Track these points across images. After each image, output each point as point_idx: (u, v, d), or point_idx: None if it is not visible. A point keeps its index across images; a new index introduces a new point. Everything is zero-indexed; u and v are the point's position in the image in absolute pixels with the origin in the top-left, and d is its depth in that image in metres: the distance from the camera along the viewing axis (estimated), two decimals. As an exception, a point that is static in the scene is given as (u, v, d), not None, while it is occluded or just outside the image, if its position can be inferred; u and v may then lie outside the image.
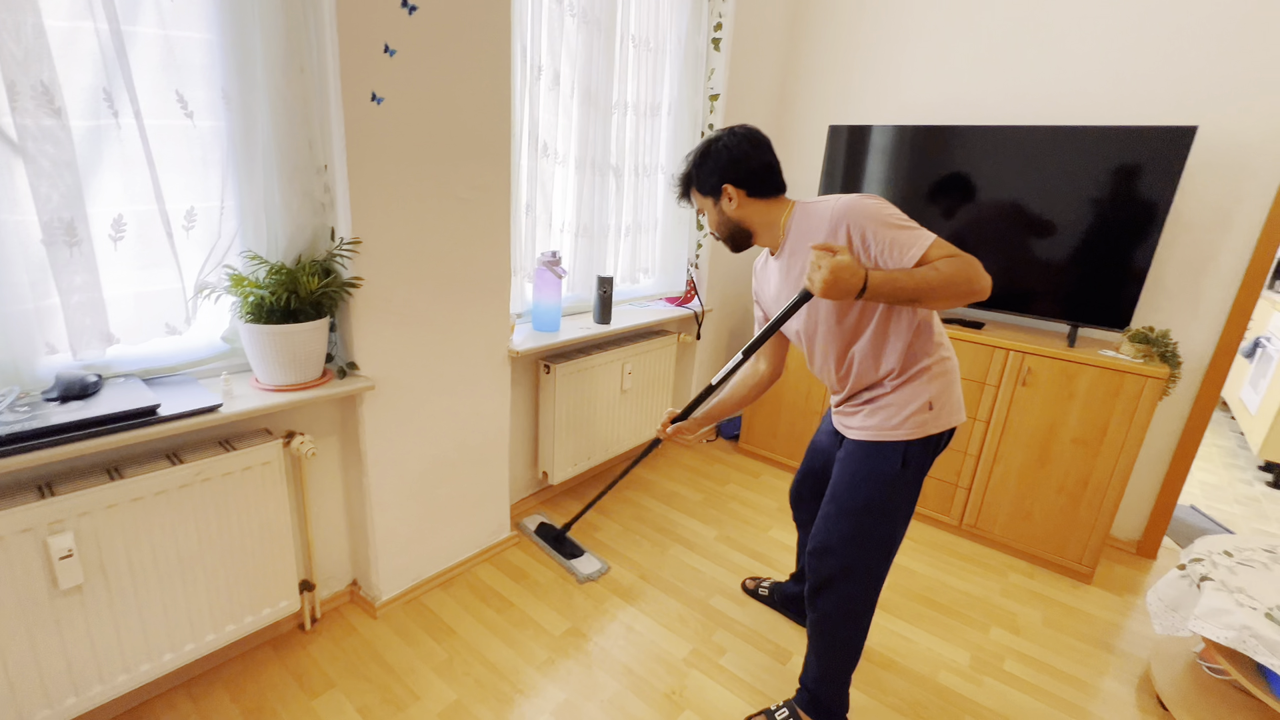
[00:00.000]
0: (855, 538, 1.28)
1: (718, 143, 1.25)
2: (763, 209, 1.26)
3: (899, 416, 1.22)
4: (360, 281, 1.47)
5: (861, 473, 1.27)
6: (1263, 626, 1.35)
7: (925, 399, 1.21)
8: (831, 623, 1.35)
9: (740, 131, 1.25)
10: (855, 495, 1.28)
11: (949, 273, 1.03)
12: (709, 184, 1.27)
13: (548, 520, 2.24)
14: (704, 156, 1.26)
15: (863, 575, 1.30)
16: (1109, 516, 2.07)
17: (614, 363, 2.39)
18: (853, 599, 1.32)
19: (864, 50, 2.74)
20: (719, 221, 1.31)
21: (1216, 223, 2.09)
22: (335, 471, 1.69)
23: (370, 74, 1.38)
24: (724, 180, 1.25)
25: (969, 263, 1.06)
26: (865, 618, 1.35)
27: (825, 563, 1.32)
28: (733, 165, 1.23)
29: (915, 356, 1.22)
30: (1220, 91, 2.02)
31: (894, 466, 1.23)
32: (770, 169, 1.25)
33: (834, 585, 1.32)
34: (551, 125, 2.04)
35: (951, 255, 1.06)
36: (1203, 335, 2.17)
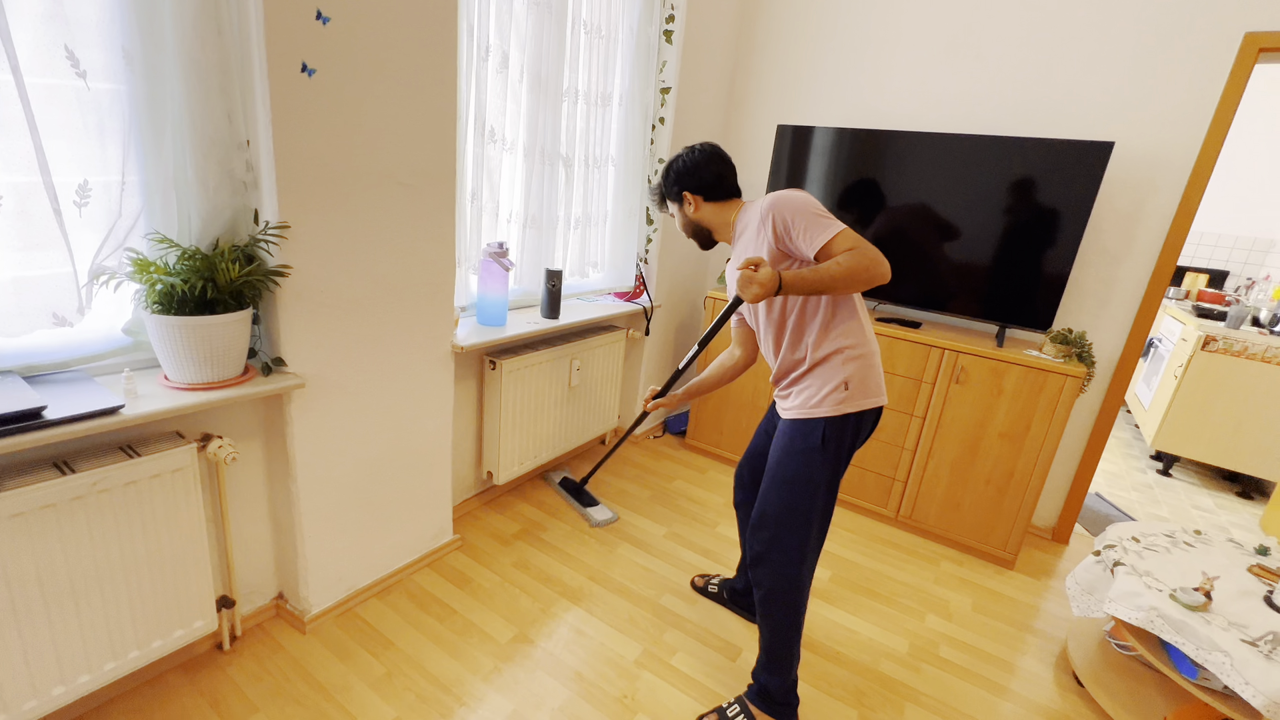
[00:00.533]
0: (782, 510, 1.38)
1: (679, 158, 1.48)
2: (717, 210, 1.48)
3: (818, 395, 1.35)
4: (288, 270, 1.35)
5: (788, 448, 1.39)
6: (1168, 607, 1.46)
7: (841, 379, 1.34)
8: (772, 597, 1.41)
9: (698, 147, 1.48)
10: (782, 469, 1.39)
11: (848, 264, 1.22)
12: (673, 191, 1.50)
13: (569, 475, 2.52)
14: (668, 170, 1.50)
15: (792, 545, 1.38)
16: (1030, 506, 2.21)
17: (562, 359, 2.33)
18: (785, 569, 1.39)
19: (811, 52, 2.79)
20: (684, 223, 1.53)
21: (1127, 233, 2.26)
22: (259, 477, 1.55)
23: (301, 42, 1.25)
24: (683, 188, 1.48)
25: (866, 254, 1.22)
26: (800, 590, 1.41)
27: (759, 535, 1.42)
28: (688, 175, 1.47)
29: (831, 342, 1.35)
30: (1133, 113, 2.18)
31: (814, 442, 1.35)
32: (720, 178, 1.47)
33: (768, 555, 1.41)
34: (499, 110, 1.95)
35: (852, 248, 1.23)
36: (1112, 337, 2.35)
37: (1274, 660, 1.30)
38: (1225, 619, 1.43)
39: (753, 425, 2.79)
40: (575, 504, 2.37)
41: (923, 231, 2.43)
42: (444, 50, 1.56)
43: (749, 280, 1.22)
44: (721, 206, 1.48)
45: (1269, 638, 1.35)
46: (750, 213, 1.40)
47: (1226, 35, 2.00)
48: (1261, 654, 1.31)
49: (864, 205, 2.53)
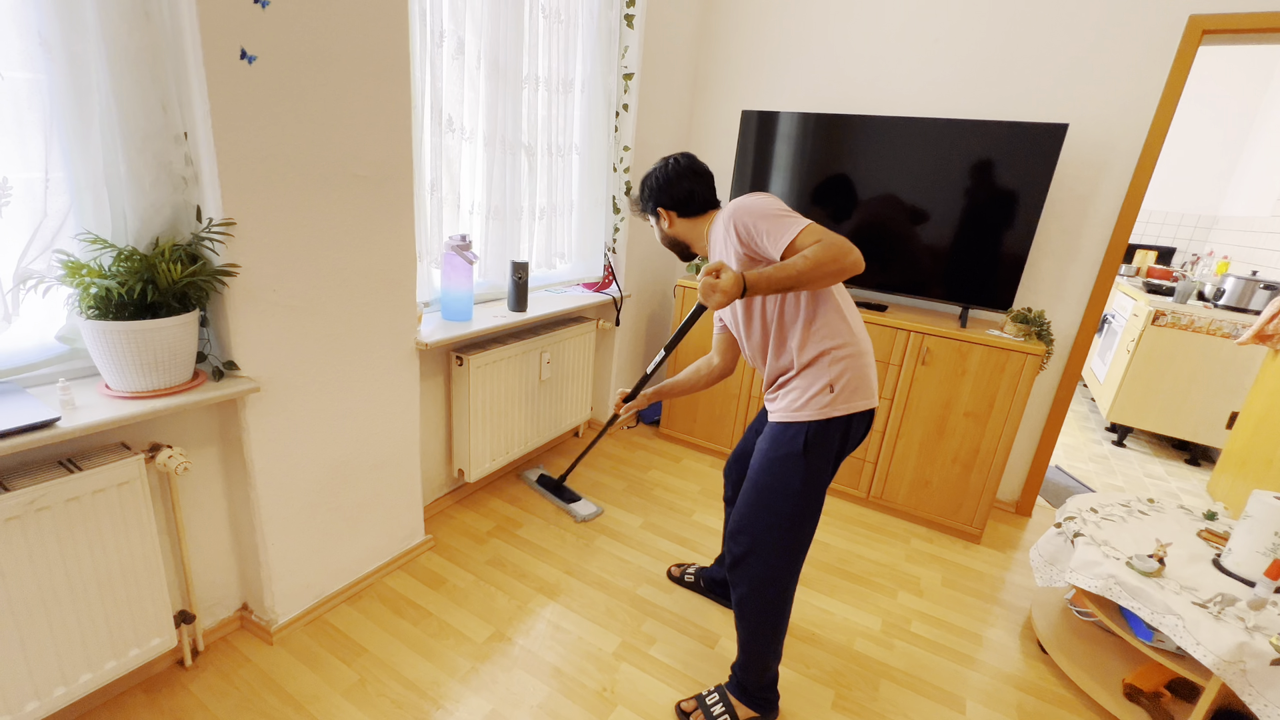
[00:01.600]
0: (762, 516, 1.34)
1: (653, 173, 1.47)
2: (691, 225, 1.47)
3: (803, 399, 1.30)
4: (236, 269, 1.28)
5: (770, 453, 1.34)
6: (1124, 574, 1.52)
7: (825, 381, 1.29)
8: (748, 601, 1.38)
9: (672, 161, 1.46)
10: (764, 474, 1.34)
11: (814, 257, 1.14)
12: (648, 207, 1.50)
13: (545, 472, 2.48)
14: (643, 185, 1.50)
15: (770, 552, 1.34)
16: (995, 481, 2.28)
17: (531, 352, 2.29)
18: (763, 577, 1.35)
19: (773, 37, 2.77)
20: (661, 236, 1.52)
21: (1081, 213, 2.32)
22: (216, 485, 1.48)
23: (238, 27, 1.18)
24: (657, 204, 1.47)
25: (832, 245, 1.15)
26: (780, 597, 1.37)
27: (738, 540, 1.38)
28: (661, 191, 1.46)
29: (817, 343, 1.30)
30: (1085, 96, 2.23)
31: (797, 447, 1.30)
32: (692, 194, 1.44)
33: (745, 562, 1.37)
34: (457, 98, 1.89)
35: (818, 241, 1.16)
36: (1069, 314, 2.42)
37: (1223, 621, 1.36)
38: (1178, 583, 1.49)
39: (727, 413, 2.80)
40: (557, 501, 2.35)
41: (887, 215, 2.45)
42: (396, 35, 1.49)
43: (711, 288, 1.16)
44: (695, 221, 1.46)
45: (1218, 599, 1.41)
46: (717, 225, 1.38)
47: (1172, 18, 2.06)
48: (1211, 615, 1.38)
49: (828, 190, 2.54)
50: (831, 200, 2.54)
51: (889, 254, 2.48)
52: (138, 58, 1.13)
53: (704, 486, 2.60)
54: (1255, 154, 4.24)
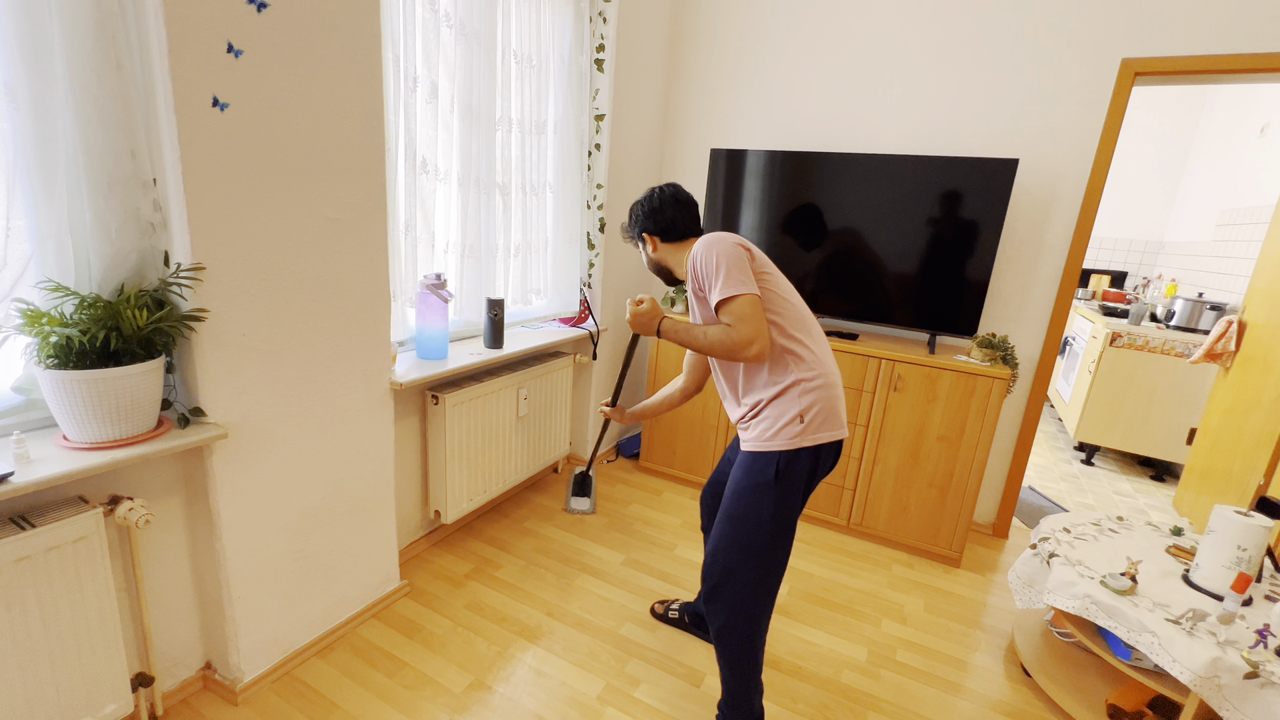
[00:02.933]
0: (736, 545, 1.35)
1: (642, 201, 1.54)
2: (674, 250, 1.53)
3: (773, 429, 1.33)
4: (205, 314, 1.27)
5: (743, 482, 1.36)
6: (1099, 593, 1.54)
7: (796, 412, 1.32)
8: (726, 631, 1.38)
9: (658, 191, 1.52)
10: (736, 503, 1.36)
11: (715, 339, 1.30)
12: (635, 232, 1.57)
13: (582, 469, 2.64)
14: (631, 212, 1.57)
15: (744, 582, 1.35)
16: (971, 504, 2.31)
17: (508, 388, 2.28)
18: (738, 607, 1.36)
19: (740, 77, 2.89)
20: (648, 261, 1.58)
21: (1036, 242, 2.43)
22: (179, 537, 1.43)
23: (210, 76, 1.20)
24: (643, 230, 1.54)
25: (736, 333, 1.26)
26: (755, 625, 1.37)
27: (712, 570, 1.39)
28: (648, 218, 1.52)
29: (787, 374, 1.34)
30: (1033, 133, 2.36)
31: (768, 477, 1.32)
32: (675, 221, 1.51)
33: (720, 592, 1.38)
34: (431, 140, 1.91)
35: (738, 318, 1.26)
36: (1031, 338, 2.51)
37: (1195, 636, 1.38)
38: (1151, 600, 1.52)
39: (706, 444, 2.81)
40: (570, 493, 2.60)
41: (854, 247, 2.53)
42: (369, 82, 1.52)
43: (632, 315, 1.42)
44: (677, 247, 1.51)
45: (1189, 615, 1.44)
46: (689, 254, 1.42)
47: (1106, 62, 2.21)
48: (1184, 631, 1.40)
49: (796, 224, 2.62)
50: (800, 233, 2.62)
51: (858, 284, 2.55)
52: (106, 106, 1.13)
53: (685, 519, 2.59)
54: (1193, 182, 4.50)
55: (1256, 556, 1.52)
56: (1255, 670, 1.30)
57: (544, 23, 2.28)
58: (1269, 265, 2.71)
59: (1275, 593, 1.59)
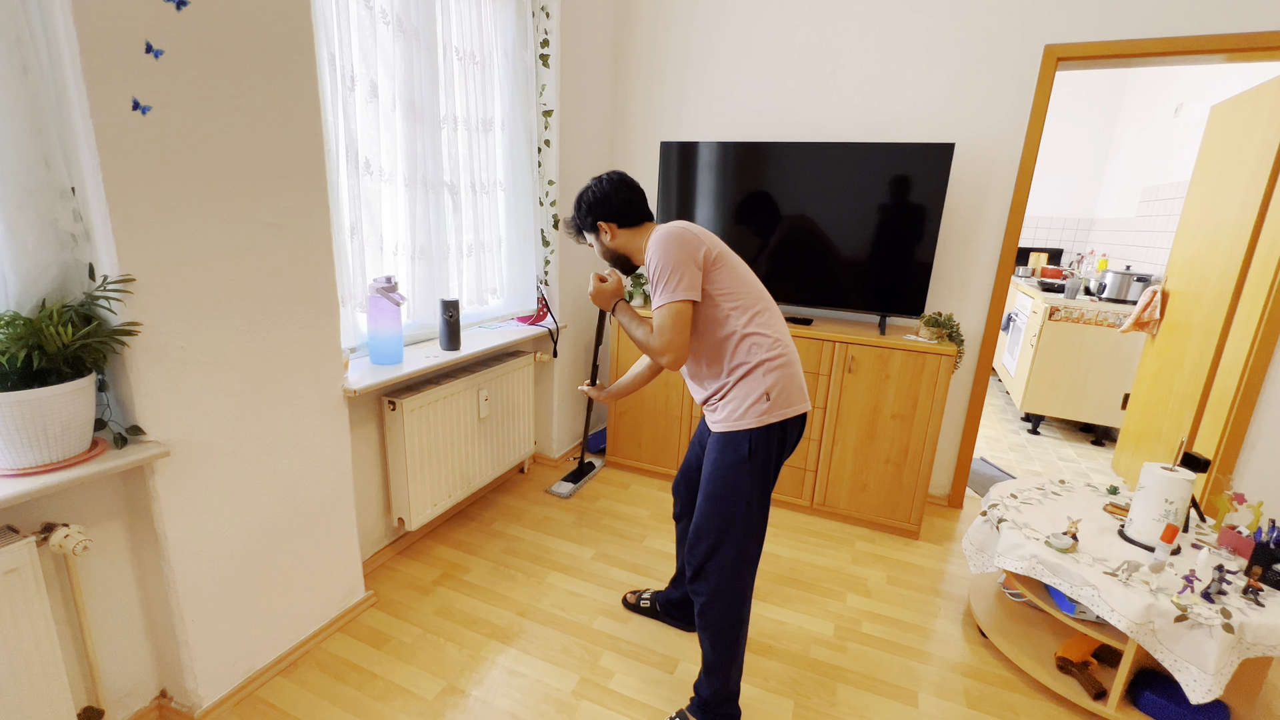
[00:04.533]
0: (718, 522, 1.40)
1: (588, 190, 1.52)
2: (631, 236, 1.51)
3: (742, 408, 1.38)
4: (137, 327, 1.21)
5: (717, 463, 1.41)
6: (1044, 552, 1.63)
7: (761, 390, 1.37)
8: (711, 607, 1.42)
9: (605, 177, 1.51)
10: (715, 483, 1.41)
11: (640, 339, 1.42)
12: (587, 222, 1.53)
13: None
14: (579, 202, 1.53)
15: (728, 557, 1.40)
16: (926, 478, 2.40)
17: (468, 390, 2.25)
18: (723, 583, 1.41)
19: (685, 70, 2.91)
20: (603, 251, 1.55)
21: (975, 222, 2.53)
22: (123, 562, 1.36)
23: (128, 78, 1.14)
24: (596, 218, 1.50)
25: (653, 341, 1.37)
26: (740, 600, 1.42)
27: (696, 550, 1.43)
28: (600, 205, 1.50)
29: (750, 354, 1.39)
30: (966, 117, 2.45)
31: (742, 454, 1.37)
32: (629, 204, 1.50)
33: (705, 570, 1.42)
34: (373, 140, 1.87)
35: (661, 325, 1.35)
36: (975, 316, 2.61)
37: (1130, 586, 1.48)
38: (1090, 556, 1.61)
39: (671, 435, 2.83)
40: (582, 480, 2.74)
41: (805, 233, 2.59)
42: (303, 81, 1.47)
43: (592, 286, 1.54)
44: (635, 232, 1.51)
45: (1125, 567, 1.53)
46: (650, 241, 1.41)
47: (1030, 48, 2.31)
48: (1121, 582, 1.49)
49: (747, 213, 2.66)
50: (752, 222, 2.66)
51: (810, 270, 2.61)
52: (14, 112, 1.06)
53: (654, 511, 2.61)
54: (1118, 162, 4.76)
55: (1182, 508, 1.63)
56: (1184, 613, 1.40)
57: (485, 18, 2.25)
58: (1186, 238, 2.89)
59: (1201, 540, 1.71)
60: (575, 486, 2.69)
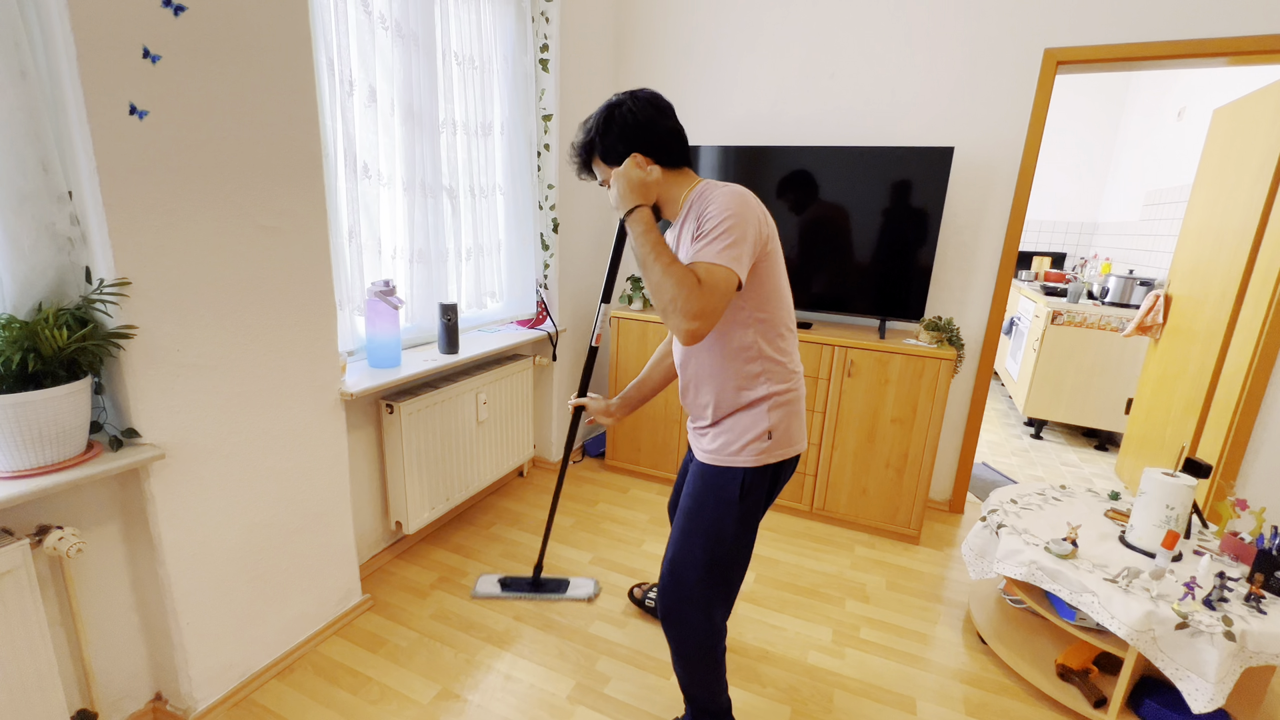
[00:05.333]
0: (695, 562, 1.24)
1: (620, 107, 1.16)
2: (671, 180, 1.19)
3: (739, 443, 1.21)
4: (133, 330, 1.21)
5: (702, 497, 1.24)
6: (1043, 558, 1.62)
7: (764, 428, 1.20)
8: (683, 648, 1.30)
9: (643, 95, 1.17)
10: (695, 519, 1.24)
11: (667, 279, 1.02)
12: (615, 151, 1.17)
13: (508, 576, 2.05)
14: (608, 123, 1.16)
15: (702, 600, 1.24)
16: (926, 483, 2.38)
17: (466, 394, 2.25)
18: (697, 624, 1.26)
19: (685, 74, 2.91)
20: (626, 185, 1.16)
21: (975, 226, 2.53)
22: (118, 565, 1.37)
23: (126, 83, 1.15)
24: (631, 148, 1.16)
25: (690, 296, 1.01)
26: (714, 639, 1.29)
27: (670, 591, 1.28)
28: (640, 131, 1.15)
29: (756, 386, 1.20)
30: (966, 121, 2.45)
31: (733, 495, 1.21)
32: (677, 135, 1.19)
33: (679, 612, 1.27)
34: (372, 144, 1.87)
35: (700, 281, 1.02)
36: (975, 319, 2.60)
37: (1131, 593, 1.46)
38: (1090, 562, 1.60)
39: (670, 439, 2.83)
40: (546, 597, 1.98)
41: (806, 238, 2.59)
42: (301, 86, 1.48)
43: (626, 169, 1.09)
44: (676, 176, 1.19)
45: (1125, 573, 1.52)
46: (706, 193, 1.13)
47: (1030, 51, 2.30)
48: (1121, 589, 1.48)
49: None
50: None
51: (810, 274, 2.61)
52: (10, 117, 1.07)
53: (652, 515, 2.60)
54: (1121, 166, 4.74)
55: (1184, 514, 1.61)
56: (1185, 621, 1.38)
57: (485, 23, 2.26)
58: (1189, 241, 2.87)
59: (1202, 547, 1.70)
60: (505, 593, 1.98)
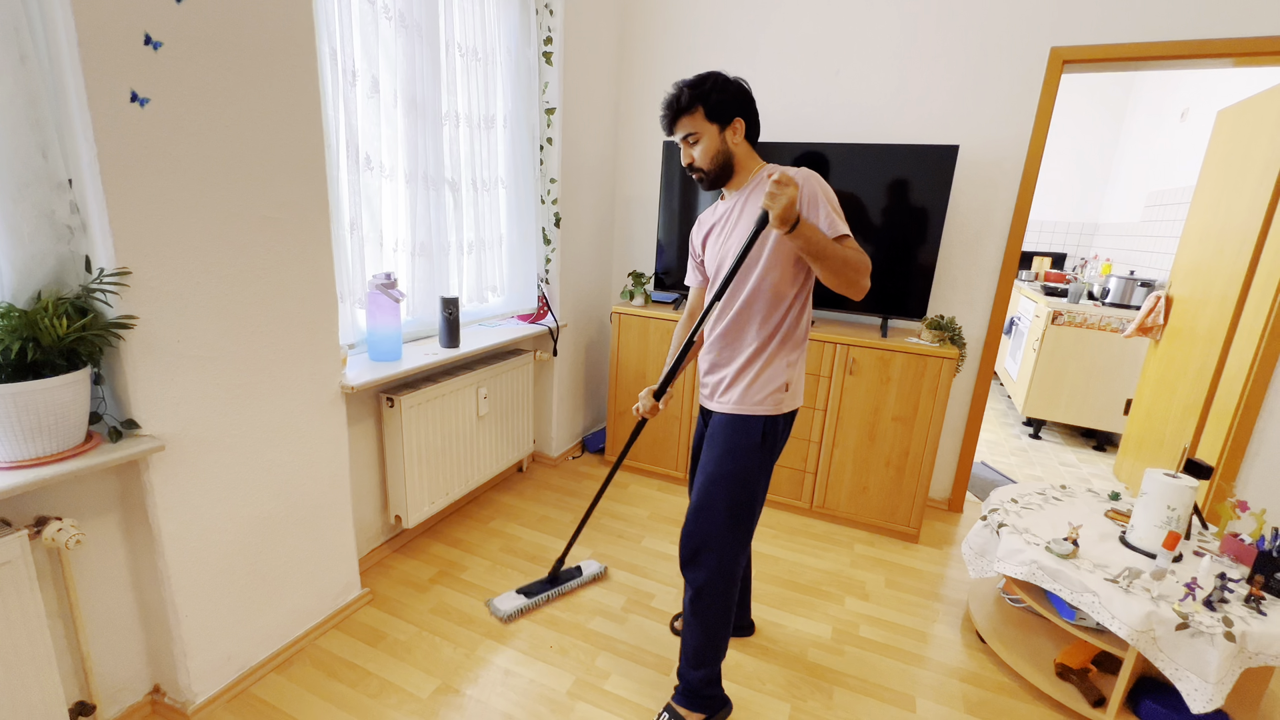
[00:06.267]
0: (722, 504, 1.38)
1: (734, 82, 1.35)
2: (749, 152, 1.41)
3: (762, 393, 1.38)
4: (134, 320, 1.20)
5: (728, 444, 1.40)
6: (1044, 558, 1.62)
7: (783, 380, 1.40)
8: (706, 589, 1.41)
9: (739, 79, 1.37)
10: (721, 465, 1.39)
11: (855, 258, 1.25)
12: (724, 111, 1.34)
13: (525, 584, 1.99)
14: (724, 86, 1.33)
15: (729, 542, 1.40)
16: (927, 481, 2.38)
17: (466, 388, 2.24)
18: (720, 564, 1.40)
19: (689, 69, 2.88)
20: (717, 150, 1.36)
21: (979, 225, 2.52)
22: (118, 556, 1.36)
23: (127, 69, 1.13)
24: (737, 114, 1.35)
25: (865, 260, 1.28)
26: (733, 582, 1.43)
27: (698, 530, 1.41)
28: (747, 104, 1.37)
29: (787, 346, 1.40)
30: (971, 119, 2.44)
31: (755, 439, 1.38)
32: (758, 121, 1.41)
33: (702, 553, 1.41)
34: (374, 136, 1.86)
35: (859, 249, 1.27)
36: (977, 319, 2.60)
37: (1132, 593, 1.46)
38: (1091, 562, 1.60)
39: (670, 435, 2.82)
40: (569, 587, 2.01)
41: (807, 235, 2.57)
42: (304, 75, 1.47)
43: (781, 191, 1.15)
44: (751, 151, 1.42)
45: (1126, 573, 1.52)
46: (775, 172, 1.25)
47: (1036, 50, 2.29)
48: (1122, 589, 1.48)
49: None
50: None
51: (812, 271, 2.59)
52: (9, 103, 1.05)
53: (652, 511, 2.60)
54: (1123, 166, 4.74)
55: (1185, 515, 1.62)
56: (1185, 621, 1.38)
57: (488, 15, 2.24)
58: (1191, 243, 2.87)
59: (1203, 548, 1.70)
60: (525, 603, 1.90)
